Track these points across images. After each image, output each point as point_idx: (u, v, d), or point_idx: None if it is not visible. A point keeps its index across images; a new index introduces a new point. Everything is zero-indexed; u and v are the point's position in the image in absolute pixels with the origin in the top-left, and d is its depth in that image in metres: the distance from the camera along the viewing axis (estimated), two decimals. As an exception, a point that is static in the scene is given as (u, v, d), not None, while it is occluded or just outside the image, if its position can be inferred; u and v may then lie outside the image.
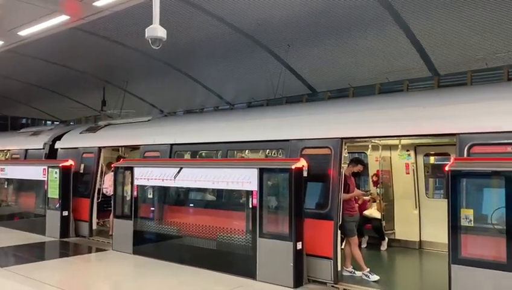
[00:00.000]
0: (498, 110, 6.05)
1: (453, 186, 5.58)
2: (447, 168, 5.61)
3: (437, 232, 8.34)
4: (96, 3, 7.90)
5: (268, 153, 9.58)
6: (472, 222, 5.53)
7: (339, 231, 7.18)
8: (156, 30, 5.44)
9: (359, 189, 8.82)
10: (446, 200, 5.78)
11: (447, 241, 5.65)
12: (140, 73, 14.63)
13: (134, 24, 10.12)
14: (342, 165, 7.36)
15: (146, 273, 7.93)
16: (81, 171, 11.71)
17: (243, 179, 7.47)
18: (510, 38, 9.10)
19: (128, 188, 9.55)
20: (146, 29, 5.54)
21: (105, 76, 15.43)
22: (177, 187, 8.88)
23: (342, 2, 9.22)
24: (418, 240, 9.38)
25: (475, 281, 5.39)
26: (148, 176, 8.98)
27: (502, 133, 5.81)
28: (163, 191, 9.18)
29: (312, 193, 7.50)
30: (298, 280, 6.91)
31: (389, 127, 7.05)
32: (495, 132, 5.85)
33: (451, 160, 5.79)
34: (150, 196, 9.36)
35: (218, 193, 8.58)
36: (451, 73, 10.70)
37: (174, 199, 9.34)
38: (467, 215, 5.56)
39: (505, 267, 5.15)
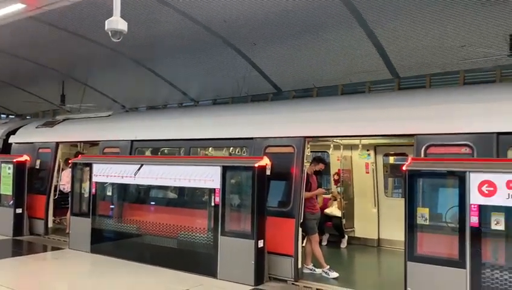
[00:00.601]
0: (454, 113, 6.28)
1: (409, 185, 5.74)
2: (404, 168, 5.76)
3: (395, 231, 8.57)
4: (54, -7, 7.60)
5: (232, 151, 9.55)
6: (427, 221, 5.71)
7: (300, 229, 7.25)
8: (117, 22, 5.29)
9: (321, 187, 8.93)
10: (404, 199, 5.95)
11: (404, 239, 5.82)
12: (102, 67, 14.21)
13: (96, 16, 9.81)
14: (305, 164, 7.44)
15: (104, 272, 7.73)
16: (37, 167, 11.28)
17: (205, 176, 7.40)
18: (466, 45, 9.47)
19: (86, 185, 9.27)
20: (106, 22, 5.38)
21: (65, 69, 14.89)
22: (137, 184, 8.70)
23: (307, 2, 9.30)
24: (377, 238, 9.63)
25: (429, 277, 5.55)
26: (107, 173, 8.75)
27: (457, 135, 6.04)
28: (123, 189, 8.97)
29: (274, 191, 7.54)
30: (259, 278, 6.93)
31: (350, 127, 7.19)
32: (450, 133, 6.07)
33: (409, 160, 5.96)
34: (109, 193, 9.13)
35: (180, 190, 8.48)
36: (411, 76, 11.03)
37: (134, 196, 9.15)
38: (422, 213, 5.73)
39: (457, 264, 5.34)
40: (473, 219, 5.29)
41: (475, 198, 5.27)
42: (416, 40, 9.81)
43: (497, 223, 5.23)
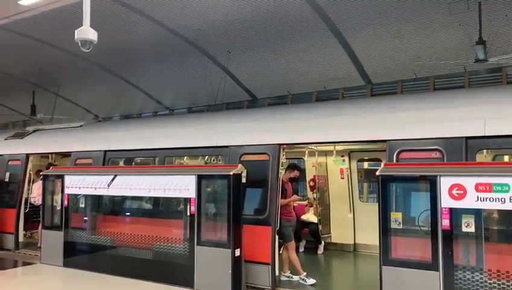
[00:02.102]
0: (424, 118, 6.42)
1: (383, 190, 5.81)
2: (377, 173, 5.84)
3: (370, 235, 8.66)
4: (21, 2, 7.44)
5: (207, 160, 9.49)
6: (401, 225, 5.80)
7: (277, 236, 7.24)
8: (86, 32, 5.20)
9: (297, 194, 8.96)
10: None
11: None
12: (74, 77, 13.99)
13: (66, 25, 9.66)
14: (280, 171, 7.45)
15: (77, 286, 7.53)
16: (7, 179, 10.94)
17: (180, 186, 7.32)
18: (435, 52, 9.75)
19: (58, 197, 9.03)
20: (76, 31, 5.30)
21: (36, 79, 14.59)
22: (111, 196, 8.53)
23: (281, 11, 9.40)
24: (353, 243, 9.70)
25: (404, 281, 5.62)
26: (80, 184, 8.55)
27: (427, 140, 6.17)
28: (96, 200, 8.78)
29: (250, 199, 7.52)
30: (236, 287, 6.85)
31: (324, 133, 7.26)
32: (421, 138, 6.20)
33: (382, 165, 6.05)
34: (82, 205, 8.90)
35: (155, 201, 8.35)
36: (383, 82, 11.27)
37: (108, 208, 8.96)
38: (396, 218, 5.81)
39: (430, 267, 5.43)
40: (445, 222, 5.39)
41: (446, 201, 5.37)
42: (387, 47, 10.04)
43: (468, 226, 5.35)
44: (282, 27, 10.07)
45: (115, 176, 8.16)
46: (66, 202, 8.77)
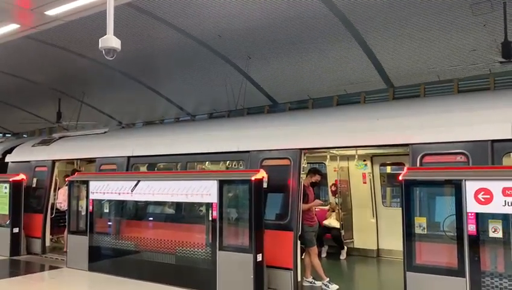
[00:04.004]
0: (448, 122, 6.31)
1: (406, 195, 5.73)
2: (400, 177, 5.76)
3: (394, 240, 8.54)
4: (48, 13, 7.67)
5: (228, 165, 9.53)
6: (425, 230, 5.69)
7: (299, 242, 7.21)
8: (110, 40, 5.33)
9: (318, 199, 8.91)
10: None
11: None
12: (98, 84, 14.28)
13: (91, 34, 9.90)
14: (301, 176, 7.43)
15: (102, 290, 7.65)
16: (34, 185, 11.23)
17: (202, 191, 7.37)
18: (459, 53, 9.57)
19: (83, 202, 9.22)
20: (100, 40, 5.43)
21: (61, 87, 14.97)
22: (134, 201, 8.66)
23: (301, 16, 9.40)
24: (376, 248, 9.58)
25: (429, 287, 5.52)
26: (104, 190, 8.71)
27: (451, 143, 6.06)
28: (120, 205, 8.93)
29: (272, 204, 7.52)
30: (258, 292, 6.87)
31: (346, 138, 7.20)
32: (445, 142, 6.09)
33: (405, 169, 5.97)
34: (106, 210, 9.07)
35: (178, 205, 8.43)
36: (405, 85, 11.11)
37: (132, 213, 9.10)
38: (420, 223, 5.71)
39: (456, 273, 5.32)
40: (471, 227, 5.27)
41: (472, 206, 5.26)
42: (409, 50, 9.91)
43: (495, 231, 5.22)
44: (302, 32, 10.06)
45: (138, 181, 8.28)
46: (90, 207, 8.94)
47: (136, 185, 8.24)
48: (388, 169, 10.57)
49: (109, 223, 9.12)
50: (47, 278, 9.22)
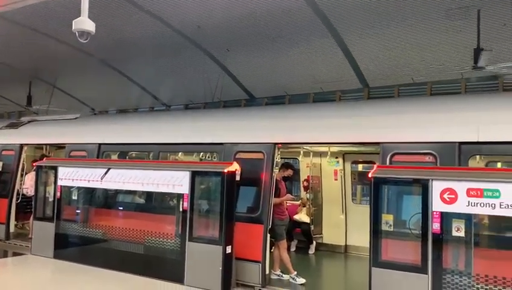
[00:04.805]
0: (418, 122, 6.46)
1: (375, 192, 5.86)
2: (370, 175, 5.88)
3: (361, 237, 8.69)
4: (20, -10, 7.42)
5: (202, 157, 9.49)
6: (392, 227, 5.83)
7: (269, 235, 7.26)
8: (84, 23, 5.20)
9: (290, 194, 8.98)
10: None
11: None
12: (72, 68, 13.87)
13: (65, 16, 9.61)
14: (274, 170, 7.47)
15: (67, 279, 7.53)
16: (0, 169, 10.90)
17: (174, 181, 7.34)
18: (433, 57, 9.78)
19: (51, 188, 9.02)
20: (73, 22, 5.29)
21: (33, 70, 14.49)
22: (104, 189, 8.52)
23: (280, 11, 9.39)
24: (344, 244, 9.74)
25: (393, 283, 5.66)
26: (73, 177, 8.54)
27: (420, 144, 6.21)
28: (89, 193, 8.77)
29: (243, 197, 7.54)
30: (226, 284, 6.88)
31: (319, 134, 7.28)
32: (414, 142, 6.24)
33: (375, 167, 6.08)
34: (75, 198, 8.90)
35: (148, 195, 8.35)
36: (380, 86, 11.27)
37: (101, 201, 8.95)
38: (387, 220, 5.85)
39: (419, 270, 5.47)
40: (435, 226, 5.44)
41: (437, 205, 5.42)
42: (385, 51, 10.05)
43: (458, 230, 5.39)
44: (282, 28, 10.05)
45: (109, 169, 8.16)
46: (58, 194, 8.76)
47: (106, 173, 8.12)
48: (360, 167, 10.74)
49: (77, 210, 8.96)
50: (10, 265, 9.00)
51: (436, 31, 9.12)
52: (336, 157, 9.76)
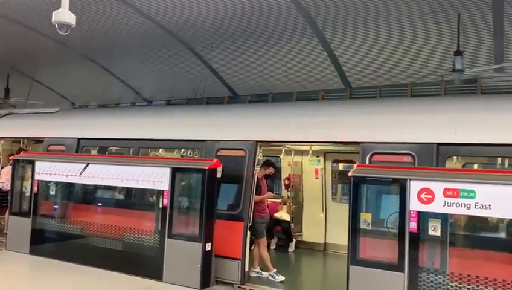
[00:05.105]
0: (398, 123, 6.56)
1: (354, 191, 5.92)
2: (350, 174, 5.94)
3: (341, 235, 8.77)
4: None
5: (183, 153, 9.44)
6: (370, 225, 5.91)
7: (249, 232, 7.27)
8: (64, 15, 5.10)
9: (272, 191, 9.01)
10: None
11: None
12: (52, 61, 13.61)
13: (45, 7, 9.43)
14: (256, 168, 7.48)
15: (43, 275, 7.39)
16: (-26, 163, 10.66)
17: (154, 177, 7.27)
18: (414, 59, 9.92)
19: (28, 183, 8.84)
20: (53, 13, 5.19)
21: (11, 62, 14.17)
22: (82, 184, 8.40)
23: (265, 10, 9.39)
24: (323, 242, 9.82)
25: (370, 281, 5.73)
26: (51, 171, 8.39)
27: (400, 144, 6.30)
28: (67, 188, 8.64)
29: (224, 194, 7.53)
30: (205, 281, 6.87)
31: (301, 133, 7.32)
32: (394, 142, 6.33)
33: (354, 166, 6.14)
34: (52, 193, 8.75)
35: (128, 191, 8.27)
36: (362, 86, 11.39)
37: (79, 196, 8.83)
38: (365, 219, 5.92)
39: (395, 268, 5.55)
40: (412, 225, 5.52)
41: (414, 205, 5.50)
42: (368, 53, 10.15)
43: (434, 229, 5.49)
44: (267, 26, 10.05)
45: (88, 164, 8.04)
46: (35, 189, 8.60)
47: (85, 168, 8.00)
48: (340, 166, 10.83)
49: (54, 206, 8.81)
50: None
51: (418, 33, 9.25)
52: (317, 156, 9.82)
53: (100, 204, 8.67)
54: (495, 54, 8.68)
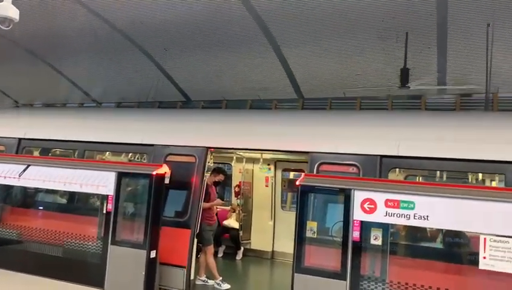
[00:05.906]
0: (345, 135, 6.75)
1: (301, 199, 6.00)
2: (297, 183, 6.02)
3: (288, 243, 8.85)
4: None
5: (131, 157, 9.19)
6: (316, 234, 6.00)
7: (196, 240, 7.18)
8: (6, 9, 4.84)
9: (221, 199, 8.97)
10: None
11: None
12: (-7, 57, 12.93)
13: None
14: (205, 174, 7.42)
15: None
16: None
17: (98, 182, 7.02)
18: (364, 74, 10.27)
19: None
20: (-5, 7, 4.91)
21: None
22: (22, 186, 7.96)
23: (222, 15, 9.39)
24: (271, 250, 9.88)
25: (313, 289, 5.81)
26: (-13, 172, 7.89)
27: (346, 155, 6.48)
28: (4, 191, 8.15)
29: (172, 201, 7.40)
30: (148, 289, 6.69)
31: (251, 140, 7.36)
32: (340, 153, 6.49)
33: (302, 176, 6.24)
34: (-13, 195, 8.23)
35: (71, 195, 7.93)
36: (314, 98, 11.63)
37: (18, 199, 8.35)
38: (311, 227, 6.01)
39: (338, 276, 5.66)
40: (355, 234, 5.66)
41: (358, 214, 5.65)
42: (320, 65, 10.40)
43: (376, 239, 5.66)
44: (222, 32, 10.04)
45: (28, 166, 7.64)
46: (-32, 190, 8.05)
47: (25, 169, 7.59)
48: (291, 175, 10.97)
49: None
50: None
51: (368, 49, 9.59)
52: (268, 164, 9.90)
53: (41, 208, 8.25)
54: (438, 71, 9.16)
